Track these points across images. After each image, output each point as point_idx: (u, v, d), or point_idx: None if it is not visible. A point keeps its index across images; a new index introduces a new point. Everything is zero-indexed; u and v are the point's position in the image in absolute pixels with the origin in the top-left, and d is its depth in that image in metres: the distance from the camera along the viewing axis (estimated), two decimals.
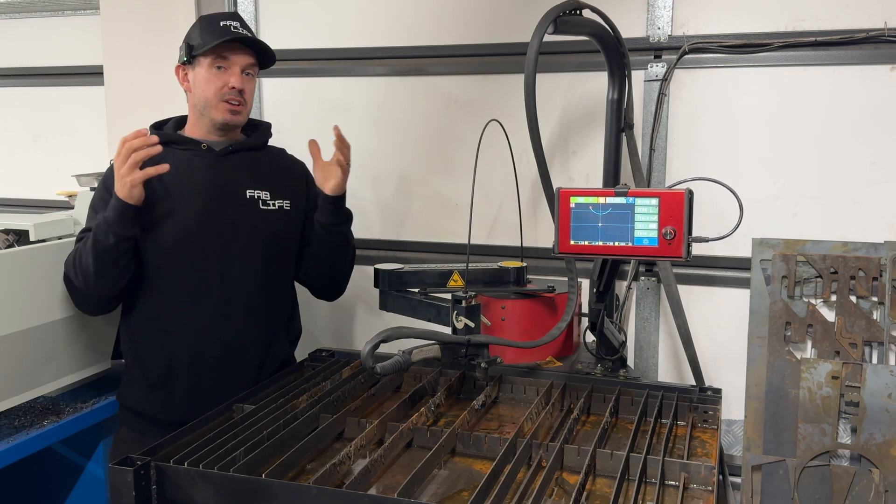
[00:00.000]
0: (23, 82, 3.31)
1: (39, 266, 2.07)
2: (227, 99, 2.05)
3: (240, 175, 2.12)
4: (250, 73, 2.11)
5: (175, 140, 2.09)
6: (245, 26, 2.09)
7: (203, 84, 2.05)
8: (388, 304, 2.21)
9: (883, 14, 2.22)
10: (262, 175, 2.16)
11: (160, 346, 2.05)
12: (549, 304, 2.15)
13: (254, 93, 2.16)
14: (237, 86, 2.05)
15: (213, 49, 2.02)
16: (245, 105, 2.10)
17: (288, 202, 2.17)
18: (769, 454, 2.26)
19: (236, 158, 2.13)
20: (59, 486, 2.41)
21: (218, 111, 2.06)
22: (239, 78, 2.06)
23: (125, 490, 1.34)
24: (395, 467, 1.55)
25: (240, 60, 2.06)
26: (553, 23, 1.78)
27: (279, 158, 2.28)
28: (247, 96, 2.09)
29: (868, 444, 2.18)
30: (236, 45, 2.05)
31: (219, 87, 2.04)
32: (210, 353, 2.06)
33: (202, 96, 2.06)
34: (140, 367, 2.09)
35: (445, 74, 2.68)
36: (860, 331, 2.22)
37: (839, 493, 2.19)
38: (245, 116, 2.13)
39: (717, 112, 2.41)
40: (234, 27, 2.05)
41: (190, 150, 2.09)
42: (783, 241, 2.30)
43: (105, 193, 2.01)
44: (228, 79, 2.05)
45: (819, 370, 2.22)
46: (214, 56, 2.04)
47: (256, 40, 2.09)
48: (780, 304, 2.28)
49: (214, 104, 2.05)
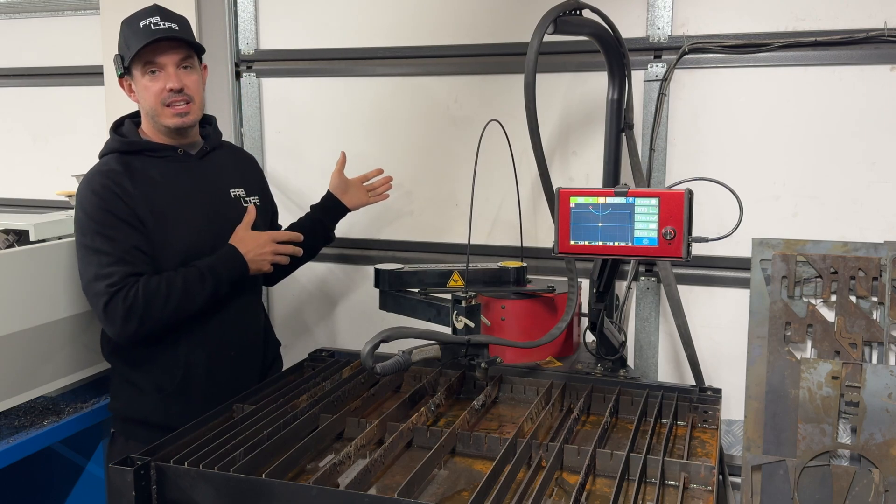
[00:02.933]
0: (23, 82, 3.31)
1: (39, 266, 2.07)
2: (169, 103, 1.96)
3: (219, 175, 2.13)
4: (187, 65, 1.99)
5: (149, 148, 2.03)
6: (168, 17, 1.96)
7: (143, 93, 1.98)
8: (388, 304, 2.21)
9: (883, 14, 2.22)
10: (236, 173, 2.19)
11: (175, 354, 2.02)
12: (549, 304, 2.15)
13: (199, 85, 2.04)
14: (174, 86, 1.95)
15: (139, 55, 1.93)
16: (192, 102, 2.00)
17: (257, 198, 2.20)
18: (769, 454, 2.26)
19: (209, 159, 2.13)
20: (59, 486, 2.41)
21: (165, 117, 1.98)
22: (174, 77, 1.95)
23: (125, 490, 1.34)
24: (395, 467, 1.55)
25: (170, 59, 1.95)
26: (553, 23, 1.78)
27: (238, 153, 2.32)
28: (191, 92, 1.99)
29: (868, 444, 2.18)
30: (162, 43, 1.93)
31: (157, 92, 1.96)
32: (225, 353, 2.07)
33: (147, 105, 1.99)
34: (151, 378, 2.03)
35: (446, 75, 2.68)
36: (860, 331, 2.22)
37: (839, 493, 2.19)
38: (196, 113, 2.04)
39: (717, 112, 2.41)
40: (154, 24, 1.92)
41: (167, 156, 2.04)
42: (783, 241, 2.30)
43: (100, 231, 1.91)
44: (165, 81, 1.95)
45: (819, 370, 2.22)
46: (143, 62, 1.94)
47: (178, 35, 1.95)
48: (780, 304, 2.28)
49: (160, 111, 1.98)
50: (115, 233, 1.91)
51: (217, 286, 1.97)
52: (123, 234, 1.92)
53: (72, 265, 2.10)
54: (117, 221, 1.92)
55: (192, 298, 1.94)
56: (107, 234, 1.91)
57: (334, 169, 2.42)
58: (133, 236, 1.93)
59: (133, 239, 1.93)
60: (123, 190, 1.94)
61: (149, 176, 2.00)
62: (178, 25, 1.96)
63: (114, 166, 1.98)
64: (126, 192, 1.94)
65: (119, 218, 1.92)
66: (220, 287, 1.98)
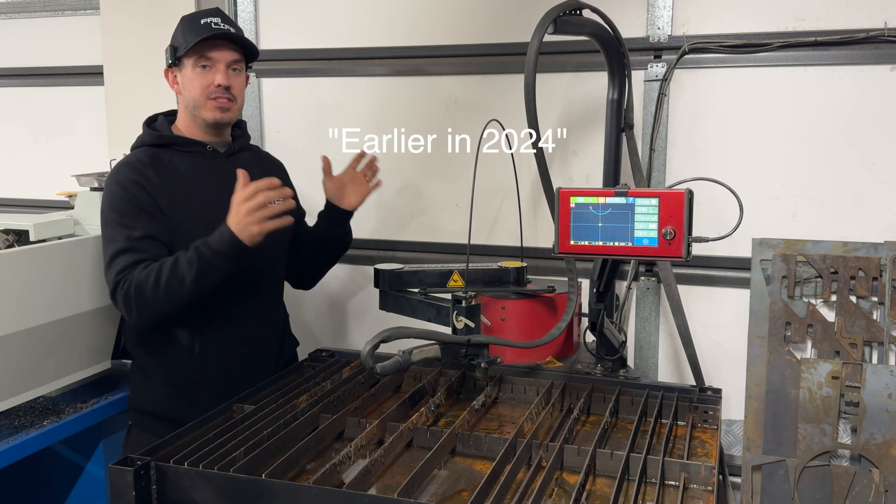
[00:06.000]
0: (23, 82, 3.31)
1: (39, 266, 2.07)
2: (215, 97, 2.02)
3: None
4: (236, 68, 2.07)
5: (179, 142, 2.08)
6: (228, 21, 2.05)
7: (189, 84, 2.03)
8: (388, 304, 2.21)
9: (883, 14, 2.22)
10: (260, 175, 2.15)
11: (187, 348, 2.03)
12: (549, 304, 2.15)
13: (243, 88, 2.12)
14: (223, 83, 2.02)
15: (195, 48, 1.99)
16: (234, 102, 2.07)
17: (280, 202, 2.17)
18: (769, 454, 2.26)
19: (237, 160, 2.13)
20: (59, 486, 2.41)
21: (206, 110, 2.04)
22: (224, 75, 2.02)
23: (125, 490, 1.34)
24: (395, 467, 1.55)
25: (223, 57, 2.02)
26: (553, 23, 1.78)
27: (264, 157, 2.32)
28: (235, 92, 2.06)
29: (868, 444, 2.18)
30: (219, 41, 2.01)
31: (204, 85, 2.02)
32: (237, 350, 2.07)
33: (190, 97, 2.05)
34: (162, 371, 2.05)
35: (445, 74, 2.68)
36: (860, 331, 2.22)
37: (839, 493, 2.19)
38: (235, 113, 2.10)
39: (718, 112, 2.41)
40: (214, 24, 2.01)
41: (195, 152, 2.09)
42: (783, 241, 2.30)
43: (119, 221, 1.95)
44: (214, 77, 2.02)
45: (819, 370, 2.22)
46: (197, 55, 2.01)
47: (238, 36, 2.05)
48: (780, 304, 2.28)
49: (202, 103, 2.04)
50: (133, 222, 1.95)
51: (204, 265, 1.87)
52: (141, 223, 1.95)
53: (72, 265, 2.11)
54: (137, 212, 1.95)
55: (181, 279, 1.87)
56: (124, 224, 1.95)
57: (322, 177, 2.31)
58: (150, 226, 1.96)
59: (149, 228, 1.95)
60: (147, 179, 1.99)
61: (174, 168, 2.04)
62: (235, 30, 2.06)
63: (141, 157, 2.04)
64: (150, 181, 1.99)
65: (139, 208, 1.96)
66: (210, 266, 1.88)
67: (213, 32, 1.99)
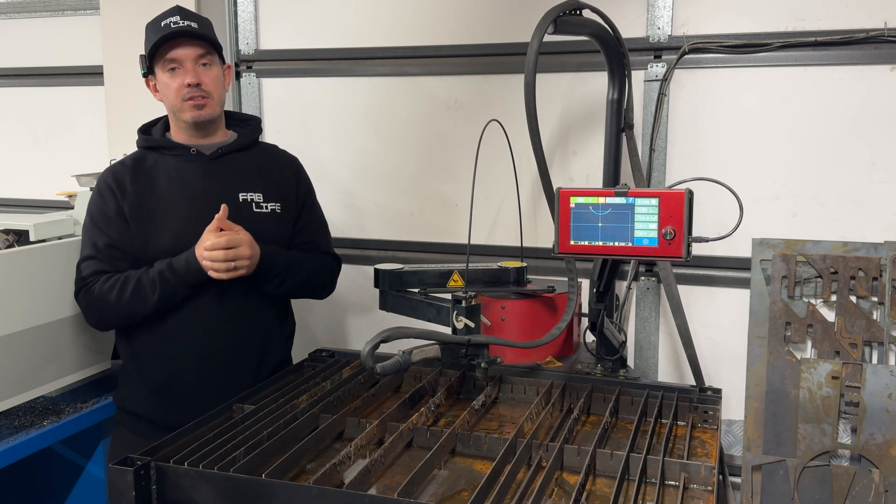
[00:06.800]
0: (23, 82, 3.32)
1: (39, 266, 2.07)
2: (189, 97, 2.00)
3: (231, 178, 2.10)
4: (206, 63, 2.02)
5: (165, 145, 2.08)
6: (189, 16, 2.00)
7: (165, 90, 2.03)
8: (388, 304, 2.21)
9: (883, 14, 2.22)
10: (255, 176, 2.14)
11: (161, 352, 2.04)
12: (549, 304, 2.15)
13: (219, 81, 2.06)
14: (192, 81, 1.98)
15: (159, 53, 1.98)
16: (209, 97, 2.02)
17: (279, 205, 2.14)
18: (769, 454, 2.26)
19: (227, 161, 2.11)
20: (59, 486, 2.41)
21: (184, 112, 2.02)
22: (192, 72, 1.99)
23: (125, 490, 1.34)
24: (395, 467, 1.55)
25: (187, 55, 1.99)
26: (553, 23, 1.78)
27: (270, 156, 2.24)
28: (209, 88, 2.02)
29: (868, 444, 2.18)
30: (180, 40, 1.98)
31: (177, 88, 2.00)
32: (211, 357, 2.05)
33: (169, 102, 2.04)
34: (141, 373, 2.07)
35: (445, 75, 2.69)
36: (860, 331, 2.22)
37: (839, 493, 2.19)
38: (215, 108, 2.06)
39: (718, 112, 2.41)
40: (174, 23, 1.97)
41: (180, 155, 2.08)
42: (783, 241, 2.30)
43: (91, 226, 2.03)
44: (184, 77, 1.99)
45: (819, 370, 2.22)
46: (163, 60, 1.99)
47: (194, 31, 1.98)
48: (780, 304, 2.28)
49: (179, 106, 2.02)
50: (101, 230, 2.01)
51: (167, 289, 1.95)
52: (107, 230, 2.01)
53: (72, 265, 2.10)
54: (106, 219, 2.02)
55: (144, 299, 1.95)
56: (95, 228, 2.03)
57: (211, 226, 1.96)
58: (117, 234, 2.00)
59: (115, 236, 2.01)
60: (119, 185, 2.02)
61: (153, 173, 2.05)
62: (197, 24, 2.01)
63: (126, 162, 2.08)
64: (122, 187, 2.02)
65: (107, 215, 2.02)
66: (173, 290, 1.95)
67: (170, 32, 1.96)
